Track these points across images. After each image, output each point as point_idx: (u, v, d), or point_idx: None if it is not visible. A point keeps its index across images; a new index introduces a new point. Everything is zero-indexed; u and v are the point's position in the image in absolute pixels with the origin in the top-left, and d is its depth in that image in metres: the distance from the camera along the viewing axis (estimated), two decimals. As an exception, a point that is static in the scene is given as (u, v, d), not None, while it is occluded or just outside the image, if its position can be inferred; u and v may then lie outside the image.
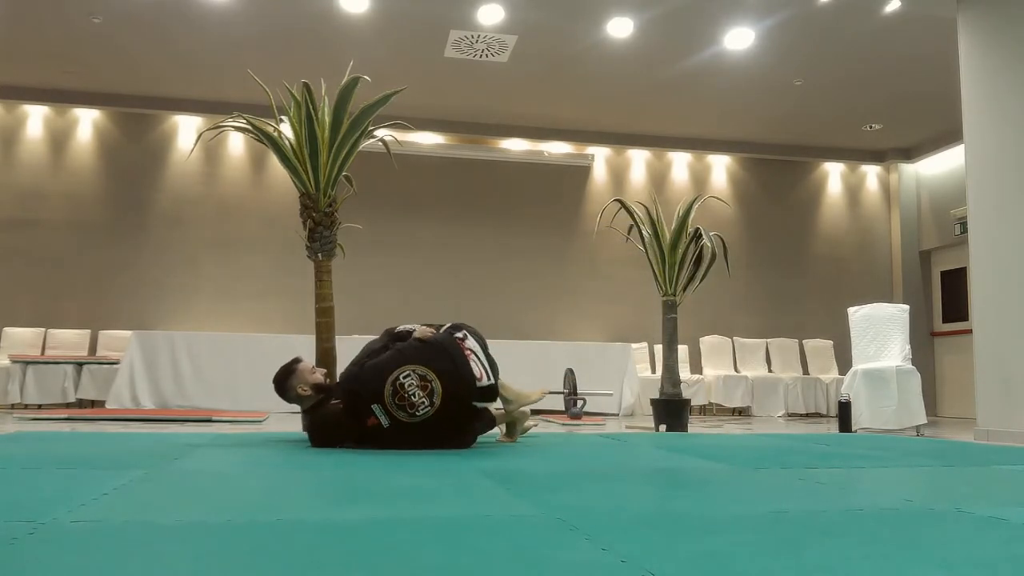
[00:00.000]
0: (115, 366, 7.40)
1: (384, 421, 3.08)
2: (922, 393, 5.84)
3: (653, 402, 5.50)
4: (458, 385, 3.13)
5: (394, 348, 3.22)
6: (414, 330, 3.31)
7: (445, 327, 3.37)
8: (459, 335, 3.28)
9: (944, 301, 9.84)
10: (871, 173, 10.37)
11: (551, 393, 6.53)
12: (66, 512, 1.65)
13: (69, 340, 8.13)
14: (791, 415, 8.74)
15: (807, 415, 8.85)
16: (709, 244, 5.39)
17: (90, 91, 8.47)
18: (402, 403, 3.05)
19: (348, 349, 3.83)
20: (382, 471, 2.48)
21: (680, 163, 9.89)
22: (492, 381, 3.23)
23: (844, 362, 8.43)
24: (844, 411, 5.58)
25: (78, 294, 8.33)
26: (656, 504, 2.04)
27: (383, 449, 3.10)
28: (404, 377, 3.06)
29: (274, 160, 5.65)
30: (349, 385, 3.21)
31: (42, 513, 1.62)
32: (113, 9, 6.67)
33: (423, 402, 3.06)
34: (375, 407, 3.08)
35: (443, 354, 3.17)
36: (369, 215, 7.69)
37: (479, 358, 3.23)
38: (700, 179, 9.90)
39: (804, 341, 9.66)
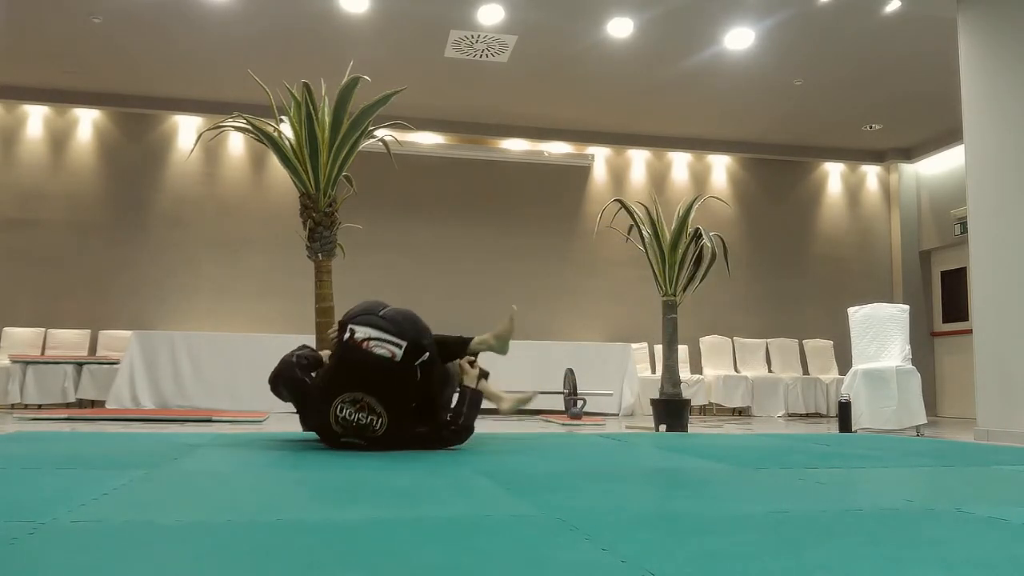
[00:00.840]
0: (115, 366, 7.40)
1: (361, 441, 3.04)
2: (922, 393, 5.84)
3: (653, 402, 5.50)
4: (383, 379, 2.99)
5: (311, 387, 3.16)
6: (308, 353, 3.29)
7: (335, 334, 3.24)
8: (346, 337, 3.09)
9: (944, 301, 9.84)
10: (871, 173, 10.37)
11: (551, 393, 6.56)
12: (66, 512, 1.65)
13: (69, 340, 8.13)
14: (791, 415, 8.74)
15: (807, 415, 8.84)
16: (709, 244, 5.39)
17: (90, 91, 8.47)
18: (357, 429, 2.99)
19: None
20: (382, 471, 2.47)
21: (680, 163, 9.89)
22: (404, 343, 3.02)
23: (844, 362, 8.43)
24: (844, 411, 5.58)
25: (78, 294, 8.33)
26: (656, 504, 2.04)
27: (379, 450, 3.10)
28: (340, 412, 2.97)
29: (274, 160, 5.65)
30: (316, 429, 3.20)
31: (42, 513, 1.62)
32: (113, 9, 6.67)
33: (372, 419, 2.96)
34: (344, 440, 3.05)
35: (350, 370, 3.02)
36: (369, 215, 7.68)
37: (379, 339, 3.03)
38: (700, 179, 9.89)
39: (804, 341, 9.66)
